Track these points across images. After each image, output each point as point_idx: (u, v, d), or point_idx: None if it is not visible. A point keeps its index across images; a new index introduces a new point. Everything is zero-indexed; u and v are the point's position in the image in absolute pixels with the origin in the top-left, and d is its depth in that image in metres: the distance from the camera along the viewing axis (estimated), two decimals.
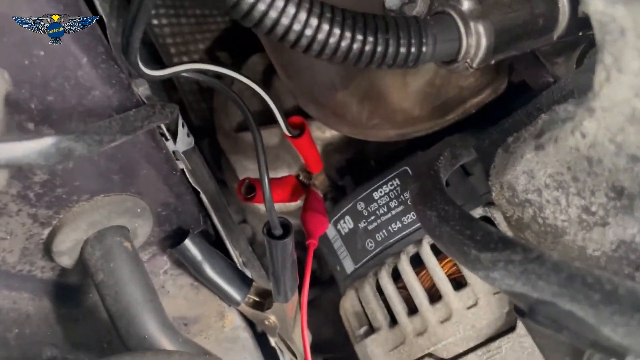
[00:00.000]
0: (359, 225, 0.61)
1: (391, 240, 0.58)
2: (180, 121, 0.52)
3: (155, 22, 0.81)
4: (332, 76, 0.54)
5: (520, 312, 0.28)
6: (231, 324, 0.54)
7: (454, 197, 0.54)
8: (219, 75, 0.48)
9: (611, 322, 0.23)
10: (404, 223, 0.58)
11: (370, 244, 0.60)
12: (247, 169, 0.72)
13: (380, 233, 0.59)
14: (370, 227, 0.60)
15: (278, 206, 0.73)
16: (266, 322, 0.54)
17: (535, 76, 0.39)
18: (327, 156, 0.70)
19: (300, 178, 0.65)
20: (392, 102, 0.53)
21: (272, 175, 0.70)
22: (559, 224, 0.32)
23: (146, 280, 0.45)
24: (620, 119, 0.25)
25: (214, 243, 0.58)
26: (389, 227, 0.59)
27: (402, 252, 0.56)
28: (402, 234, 0.57)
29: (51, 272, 0.48)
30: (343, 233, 0.63)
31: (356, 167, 0.67)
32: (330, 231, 0.65)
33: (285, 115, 0.56)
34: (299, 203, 0.65)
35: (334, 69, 0.53)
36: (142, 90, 0.46)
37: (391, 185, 0.60)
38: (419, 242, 0.56)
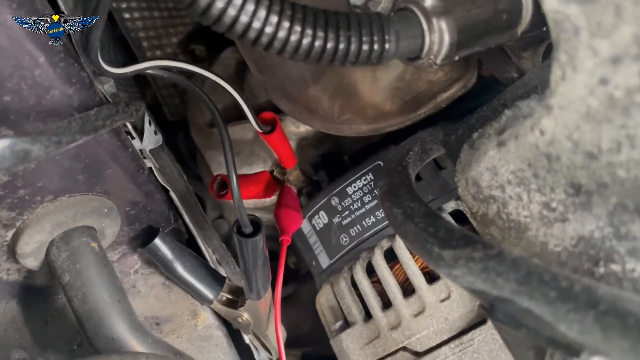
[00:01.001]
0: (334, 220, 0.61)
1: (365, 235, 0.58)
2: (147, 119, 0.51)
3: (126, 16, 0.80)
4: (303, 71, 0.54)
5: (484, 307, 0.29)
6: (204, 322, 0.53)
7: (427, 191, 0.56)
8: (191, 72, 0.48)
9: (567, 320, 0.23)
10: (378, 218, 0.58)
11: (344, 239, 0.60)
12: (221, 165, 0.72)
13: (355, 228, 0.59)
14: (344, 222, 0.60)
15: (253, 202, 0.73)
16: (239, 320, 0.54)
17: (501, 71, 0.39)
18: (301, 151, 0.70)
19: (275, 174, 0.65)
20: (363, 97, 0.53)
21: (248, 170, 0.71)
22: (522, 219, 0.32)
23: (114, 280, 0.45)
24: (576, 117, 0.25)
25: (186, 242, 0.58)
26: (363, 222, 0.59)
27: (376, 247, 0.57)
28: (376, 228, 0.58)
29: (17, 274, 0.47)
30: (318, 228, 0.63)
31: (331, 162, 0.67)
32: (305, 226, 0.65)
33: (259, 110, 0.56)
34: (273, 199, 0.65)
35: (305, 65, 0.53)
36: (107, 87, 0.46)
37: (365, 180, 0.60)
38: (392, 237, 0.57)
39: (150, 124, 0.52)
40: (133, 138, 0.48)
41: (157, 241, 0.50)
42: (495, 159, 0.33)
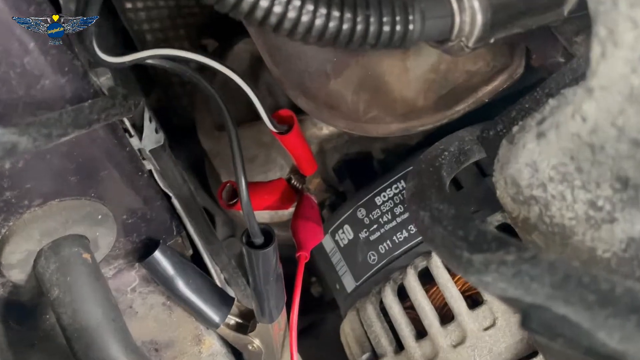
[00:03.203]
0: (360, 235, 0.63)
1: (396, 252, 0.60)
2: (147, 115, 0.54)
3: (128, 5, 0.84)
4: (323, 63, 0.56)
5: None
6: (209, 349, 0.55)
7: (468, 201, 0.57)
8: (202, 66, 0.51)
9: (606, 326, 0.24)
10: (411, 232, 0.59)
11: (372, 257, 0.61)
12: (232, 173, 0.74)
13: (384, 244, 0.61)
14: (372, 238, 0.62)
15: (269, 215, 0.76)
16: (249, 347, 0.56)
17: (547, 56, 0.41)
18: (324, 156, 0.72)
19: (292, 182, 0.67)
20: (392, 91, 0.54)
21: (263, 179, 0.73)
22: (567, 222, 0.33)
23: (108, 296, 0.47)
24: (619, 99, 0.27)
25: (190, 257, 0.60)
26: (394, 237, 0.60)
27: (409, 266, 0.58)
28: (409, 244, 0.59)
29: (1, 289, 0.50)
30: (342, 245, 0.65)
31: (357, 168, 0.69)
32: (328, 243, 0.66)
33: (277, 109, 0.58)
34: (291, 211, 0.67)
35: (324, 54, 0.55)
36: (104, 80, 0.49)
37: (396, 188, 0.62)
38: (428, 254, 0.58)
39: (150, 121, 0.55)
40: (131, 136, 0.51)
41: (157, 254, 0.52)
42: (534, 152, 0.34)
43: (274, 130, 0.55)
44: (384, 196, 0.62)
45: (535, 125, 0.35)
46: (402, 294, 0.58)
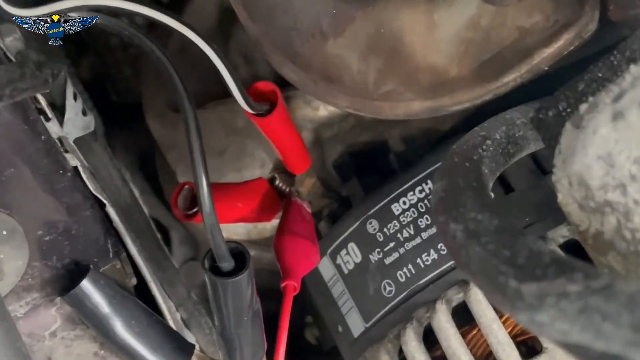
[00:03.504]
0: (371, 257, 0.63)
1: (421, 281, 0.60)
2: (71, 90, 0.54)
3: None
4: (317, 16, 0.56)
5: None
6: None
7: (522, 209, 0.57)
8: (151, 23, 0.50)
9: None
10: (442, 252, 0.59)
11: (388, 288, 0.61)
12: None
13: (405, 270, 0.61)
14: (388, 261, 0.62)
15: (245, 229, 0.75)
16: None
17: (629, 6, 0.40)
18: (321, 148, 0.72)
19: (277, 183, 0.66)
20: (414, 55, 0.54)
21: (236, 178, 0.73)
22: None
23: (17, 344, 0.47)
24: None
25: (134, 288, 0.59)
26: (418, 260, 0.60)
27: (439, 300, 0.58)
28: (439, 270, 0.59)
29: None
30: (346, 271, 0.65)
31: (368, 165, 0.69)
32: (327, 269, 0.66)
33: (254, 82, 0.58)
34: (275, 223, 0.67)
35: (320, 5, 0.55)
36: (9, 41, 0.48)
37: (421, 191, 0.61)
38: (465, 284, 0.58)
39: (76, 98, 0.55)
40: (48, 119, 0.51)
41: (86, 285, 0.52)
42: (610, 140, 0.34)
43: (249, 111, 0.55)
44: (404, 203, 0.61)
45: (611, 103, 0.34)
46: (430, 339, 0.58)
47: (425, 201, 0.61)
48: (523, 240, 0.33)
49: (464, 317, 0.57)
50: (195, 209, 0.54)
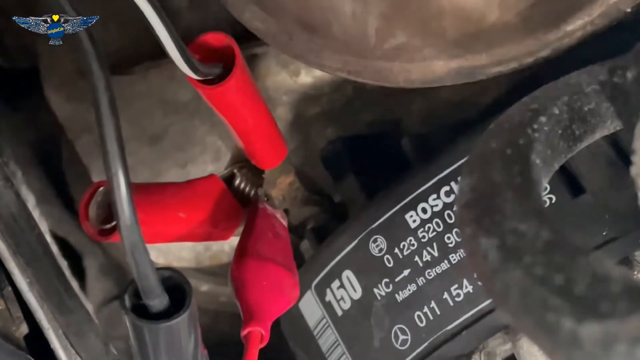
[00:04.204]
0: (376, 292, 0.63)
1: (450, 327, 0.60)
2: None
3: None
4: None
5: None
6: None
7: (594, 218, 0.57)
8: None
9: None
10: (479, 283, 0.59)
11: (402, 338, 0.62)
12: None
13: (425, 310, 0.61)
14: (401, 297, 0.62)
15: (191, 252, 0.75)
16: None
17: None
18: (304, 132, 0.72)
19: (237, 183, 0.67)
20: None
21: (177, 177, 0.73)
22: None
23: None
24: None
25: (25, 340, 0.59)
26: (445, 295, 0.60)
27: (477, 354, 0.59)
28: (476, 309, 0.60)
29: None
30: (340, 312, 0.65)
31: (370, 156, 0.69)
32: (311, 308, 0.66)
33: (201, 34, 0.58)
34: (235, 242, 0.67)
35: None
36: None
37: (448, 193, 0.61)
38: (514, 330, 0.58)
39: None
40: None
41: None
42: None
43: (192, 76, 0.55)
44: (424, 211, 0.62)
45: None
46: None
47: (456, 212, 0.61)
48: (584, 262, 0.33)
49: None
50: (112, 223, 0.54)
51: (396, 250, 0.62)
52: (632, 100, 0.41)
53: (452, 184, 0.61)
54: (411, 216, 0.62)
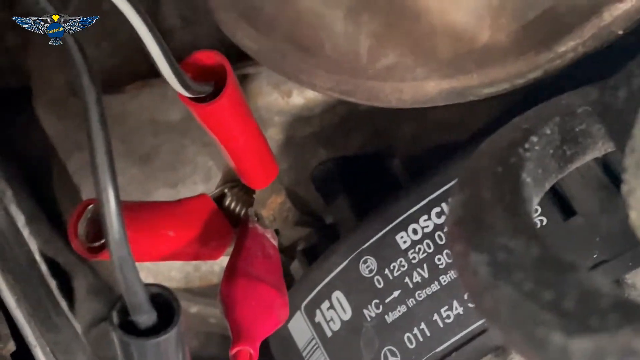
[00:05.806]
0: (366, 313, 0.63)
1: (440, 348, 0.60)
2: None
3: None
4: None
5: None
6: None
7: (586, 240, 0.57)
8: None
9: None
10: (472, 305, 0.59)
11: (391, 359, 0.62)
12: None
13: (415, 331, 0.61)
14: (391, 318, 0.62)
15: (181, 272, 0.75)
16: None
17: None
18: (296, 152, 0.72)
19: (227, 203, 0.67)
20: (427, 12, 0.54)
21: (168, 196, 0.72)
22: None
23: None
24: None
25: (12, 357, 0.59)
26: (435, 317, 0.60)
27: None
28: (466, 331, 0.60)
29: None
30: (329, 333, 0.65)
31: (362, 177, 0.69)
32: (300, 329, 0.66)
33: (193, 51, 0.58)
34: (223, 262, 0.67)
35: None
36: None
37: (439, 214, 0.61)
38: (505, 352, 0.58)
39: None
40: None
41: None
42: None
43: (183, 93, 0.55)
44: (415, 232, 0.62)
45: None
46: None
47: (446, 229, 0.61)
48: (573, 278, 0.33)
49: None
50: (101, 241, 0.54)
51: (386, 271, 0.62)
52: (623, 120, 0.41)
53: (443, 205, 0.61)
54: (402, 237, 0.62)
